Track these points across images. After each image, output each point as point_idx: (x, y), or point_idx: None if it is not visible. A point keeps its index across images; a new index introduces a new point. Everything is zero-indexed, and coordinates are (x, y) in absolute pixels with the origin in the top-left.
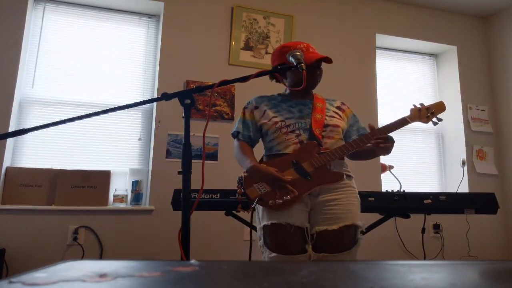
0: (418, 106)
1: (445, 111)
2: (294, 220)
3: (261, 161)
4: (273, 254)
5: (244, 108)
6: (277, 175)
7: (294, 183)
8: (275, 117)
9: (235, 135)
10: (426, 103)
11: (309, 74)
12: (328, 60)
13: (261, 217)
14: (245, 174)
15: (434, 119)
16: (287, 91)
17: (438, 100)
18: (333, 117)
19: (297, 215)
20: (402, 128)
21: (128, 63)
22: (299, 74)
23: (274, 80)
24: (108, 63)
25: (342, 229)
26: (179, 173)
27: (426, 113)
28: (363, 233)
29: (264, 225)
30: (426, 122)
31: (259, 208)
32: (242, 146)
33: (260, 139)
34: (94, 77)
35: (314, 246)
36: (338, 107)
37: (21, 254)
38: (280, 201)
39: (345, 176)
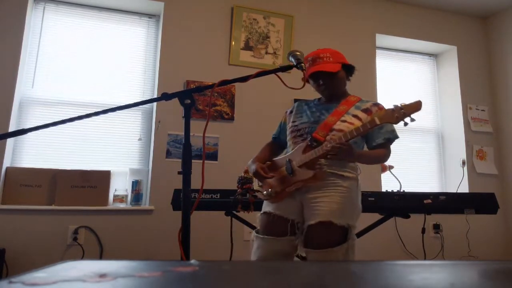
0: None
1: (421, 110)
2: (280, 211)
3: None
4: (256, 235)
5: (285, 111)
6: (258, 170)
7: (281, 179)
8: (294, 121)
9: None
10: (425, 103)
11: (313, 86)
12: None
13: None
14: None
15: (407, 119)
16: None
17: (416, 100)
18: (345, 121)
19: (284, 207)
20: (402, 128)
21: (128, 63)
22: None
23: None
24: (108, 63)
25: (317, 225)
26: (179, 173)
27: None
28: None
29: (260, 214)
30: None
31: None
32: (266, 144)
33: None
34: (94, 77)
35: (303, 241)
36: (365, 109)
37: (21, 254)
38: (264, 192)
39: (332, 175)
